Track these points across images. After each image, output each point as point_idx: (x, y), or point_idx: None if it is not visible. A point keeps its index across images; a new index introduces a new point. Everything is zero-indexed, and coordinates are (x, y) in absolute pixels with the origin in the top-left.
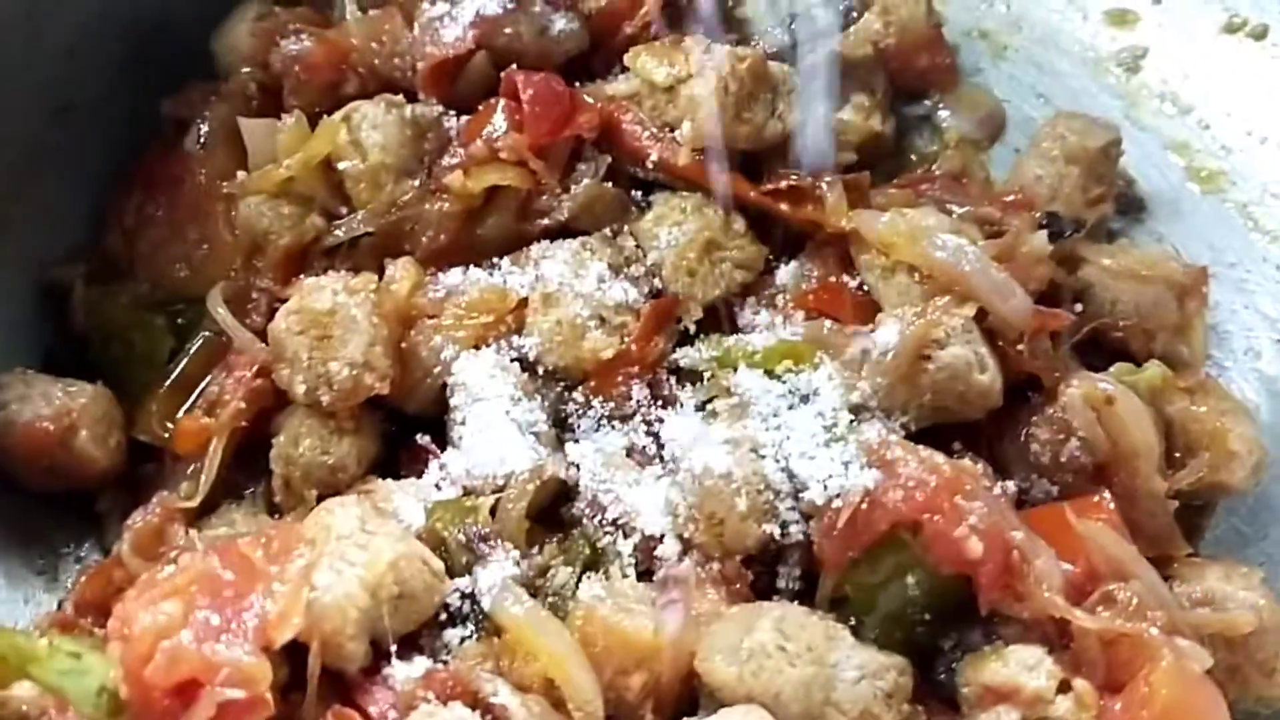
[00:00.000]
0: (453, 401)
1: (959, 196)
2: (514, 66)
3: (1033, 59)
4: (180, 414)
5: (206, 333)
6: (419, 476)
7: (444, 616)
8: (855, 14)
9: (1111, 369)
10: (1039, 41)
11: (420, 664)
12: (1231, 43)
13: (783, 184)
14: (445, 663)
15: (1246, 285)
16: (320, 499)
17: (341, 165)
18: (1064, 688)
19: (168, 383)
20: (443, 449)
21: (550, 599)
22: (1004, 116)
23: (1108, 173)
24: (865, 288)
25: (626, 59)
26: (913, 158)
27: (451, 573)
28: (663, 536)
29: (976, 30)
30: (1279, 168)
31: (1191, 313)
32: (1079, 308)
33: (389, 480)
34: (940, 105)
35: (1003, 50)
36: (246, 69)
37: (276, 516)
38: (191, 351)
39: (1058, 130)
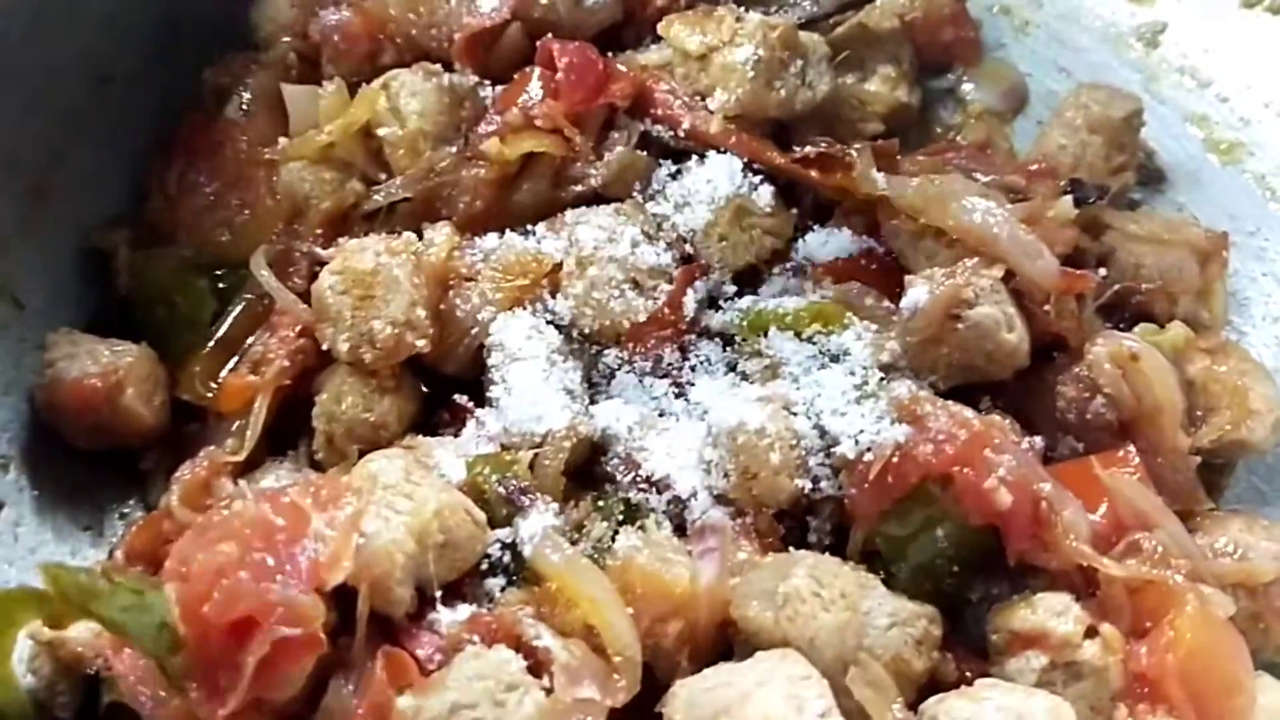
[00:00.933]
0: (490, 361)
1: (984, 165)
2: (549, 36)
3: (1054, 34)
4: (224, 374)
5: (249, 295)
6: (457, 435)
7: (485, 565)
8: None
9: (1136, 329)
10: (1060, 17)
11: (464, 610)
12: (1250, 17)
13: (812, 151)
14: (488, 609)
15: (1265, 253)
16: (362, 455)
17: (380, 132)
18: (1091, 633)
19: (211, 344)
20: (480, 408)
21: (588, 551)
22: (1026, 89)
23: (1130, 141)
24: (892, 254)
25: (660, 28)
26: (937, 129)
27: (492, 523)
28: (695, 492)
29: (999, 6)
30: None
31: (1212, 276)
32: (1103, 271)
33: (429, 437)
34: (964, 78)
35: (1025, 25)
36: (286, 38)
37: (319, 473)
38: (235, 313)
39: (1081, 100)
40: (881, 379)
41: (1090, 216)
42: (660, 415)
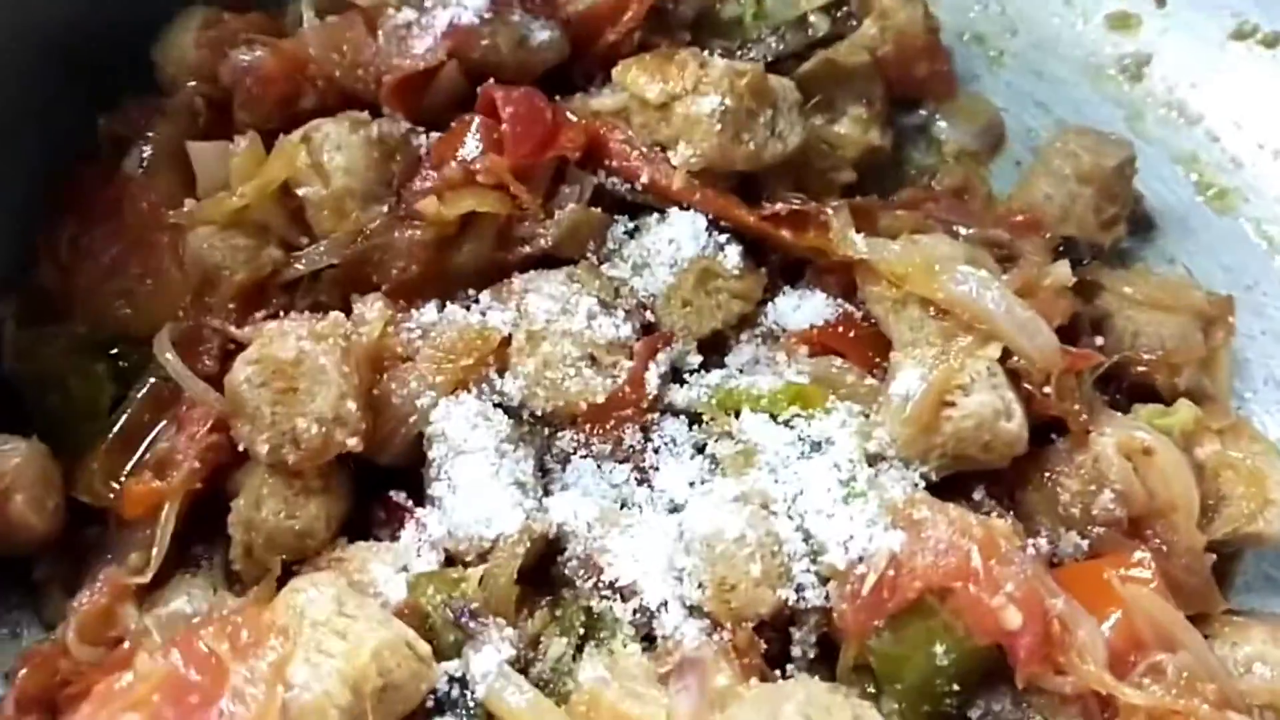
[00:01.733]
0: (430, 454)
1: (964, 216)
2: (491, 80)
3: (1031, 65)
4: (126, 473)
5: (153, 379)
6: (393, 537)
7: (431, 704)
8: (853, 21)
9: (1141, 411)
10: (1037, 46)
11: None
12: (1240, 50)
13: (783, 209)
14: None
15: (1265, 309)
16: (285, 567)
17: (301, 191)
18: None
19: (111, 437)
20: (418, 504)
21: (546, 675)
22: (1003, 126)
23: (1122, 192)
24: (870, 319)
25: (615, 74)
26: (911, 171)
27: (439, 655)
28: (666, 603)
29: (970, 33)
30: None
31: (1218, 344)
32: (1099, 340)
33: (362, 545)
34: (937, 115)
35: (999, 56)
36: (192, 82)
37: (237, 588)
38: (136, 400)
39: (1068, 147)
40: (870, 473)
41: (1082, 278)
42: (622, 506)
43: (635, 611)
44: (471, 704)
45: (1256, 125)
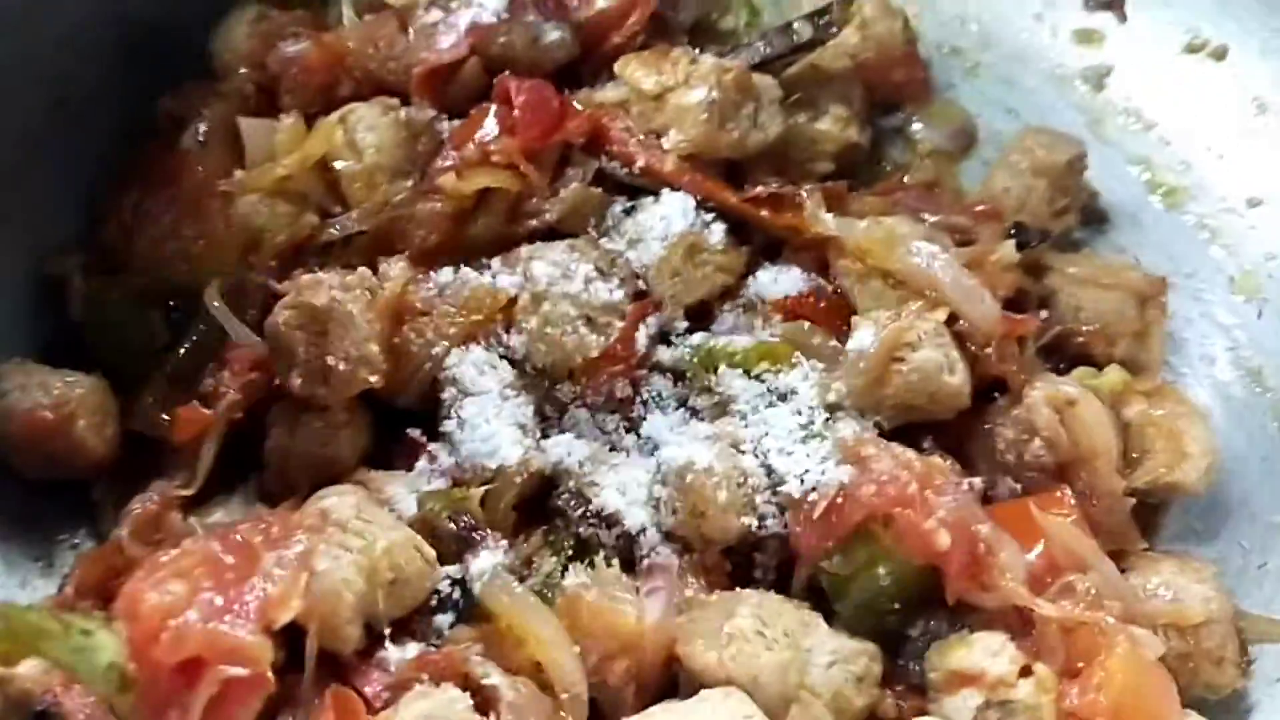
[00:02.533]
0: (443, 396)
1: (931, 205)
2: (507, 73)
3: (1002, 75)
4: (175, 406)
5: (203, 327)
6: (409, 469)
7: (435, 602)
8: (835, 29)
9: (1074, 373)
10: (1008, 58)
11: (413, 647)
12: (1192, 62)
13: (763, 191)
14: (437, 646)
15: (1202, 295)
16: (313, 490)
17: (337, 165)
18: (1025, 672)
19: (164, 375)
20: (433, 442)
21: (537, 586)
22: (975, 129)
23: (1073, 185)
24: (839, 291)
25: (616, 67)
26: (887, 168)
27: (443, 560)
28: (645, 529)
29: (949, 47)
30: (1236, 183)
31: (1151, 320)
32: (1044, 314)
33: (381, 471)
34: (914, 118)
35: (974, 67)
36: (244, 69)
37: (270, 506)
38: (188, 345)
39: (1026, 144)
40: (827, 419)
41: (1033, 259)
42: (611, 450)
43: (618, 537)
44: (469, 602)
45: (1205, 130)
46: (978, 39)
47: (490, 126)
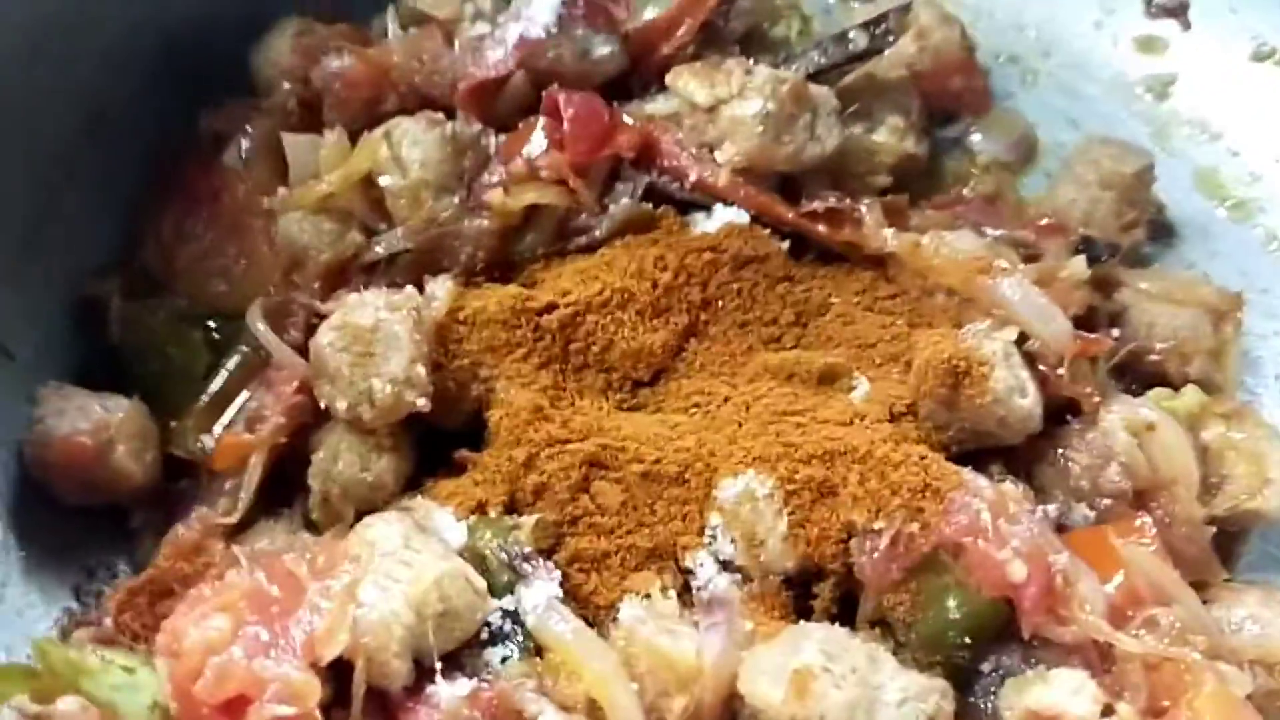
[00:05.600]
0: (490, 416)
1: (993, 219)
2: (555, 86)
3: (1062, 84)
4: (217, 430)
5: (244, 348)
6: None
7: (485, 635)
8: (892, 38)
9: (1149, 394)
10: (1069, 67)
11: (464, 684)
12: (1260, 70)
13: (820, 206)
14: (488, 682)
15: (1277, 311)
16: (358, 516)
17: (382, 181)
18: (1107, 711)
19: (204, 398)
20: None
21: (589, 619)
22: (1035, 140)
23: (1141, 197)
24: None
25: (668, 79)
26: (946, 180)
27: (493, 591)
28: (701, 560)
29: (1007, 55)
30: None
31: (1227, 337)
32: (1115, 332)
33: (428, 498)
34: (973, 129)
35: (1034, 75)
36: (287, 85)
37: (314, 534)
38: (229, 367)
39: (1092, 155)
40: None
41: (1102, 274)
42: None
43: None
44: (521, 635)
45: (1274, 140)
46: (1036, 46)
47: (538, 141)
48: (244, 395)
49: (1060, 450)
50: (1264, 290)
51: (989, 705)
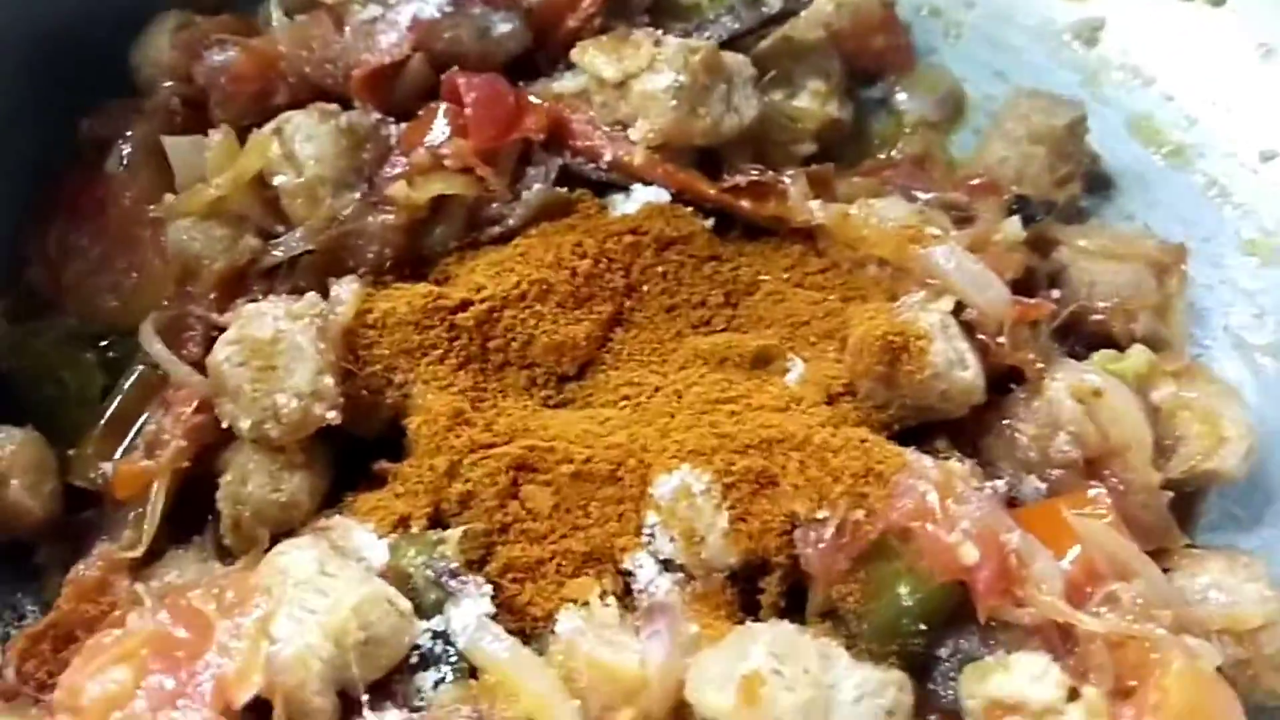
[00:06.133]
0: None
1: (923, 182)
2: (455, 69)
3: (988, 35)
4: (117, 456)
5: (140, 366)
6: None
7: (415, 659)
8: None
9: (1095, 356)
10: (993, 17)
11: (394, 714)
12: (1190, 10)
13: (743, 180)
14: (419, 709)
15: (1221, 260)
16: (273, 538)
17: (275, 180)
18: (1072, 696)
19: (102, 423)
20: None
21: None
22: (963, 96)
23: (1075, 150)
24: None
25: (574, 55)
26: (874, 142)
27: (420, 612)
28: (639, 561)
29: (928, 8)
30: (1246, 137)
31: (1172, 291)
32: (1055, 293)
33: (345, 517)
34: (897, 88)
35: (957, 28)
36: (168, 83)
37: (228, 561)
38: (125, 388)
39: (1020, 110)
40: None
41: (1038, 234)
42: None
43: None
44: (454, 656)
45: (1209, 82)
46: None
47: (440, 128)
48: (144, 417)
49: (1006, 421)
50: (1206, 239)
51: (949, 692)
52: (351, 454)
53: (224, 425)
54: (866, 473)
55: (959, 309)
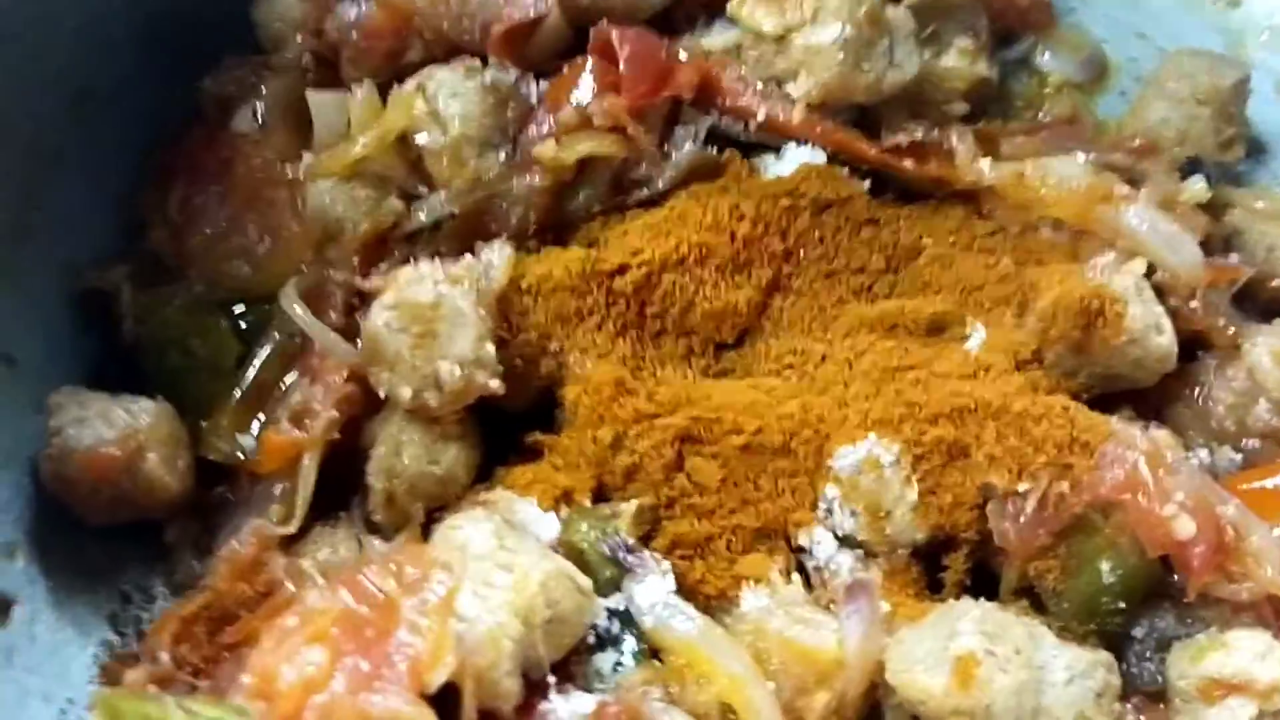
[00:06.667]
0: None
1: (1080, 142)
2: (604, 22)
3: None
4: (255, 429)
5: (278, 335)
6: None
7: (592, 639)
8: None
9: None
10: None
11: (584, 698)
12: None
13: (904, 139)
14: (599, 691)
15: None
16: (427, 514)
17: (419, 139)
18: None
19: (240, 393)
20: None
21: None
22: (1105, 57)
23: (1238, 112)
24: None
25: (730, 8)
26: (1017, 104)
27: (597, 589)
28: (818, 537)
29: None
30: None
31: None
32: (1233, 257)
33: (507, 490)
34: (1039, 48)
35: None
36: (299, 38)
37: (378, 538)
38: (263, 356)
39: (1184, 68)
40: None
41: (1211, 197)
42: None
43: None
44: (634, 638)
45: None
46: None
47: (588, 85)
48: (284, 387)
49: (1198, 389)
50: None
51: (1144, 671)
52: (495, 427)
53: (380, 394)
54: (1071, 442)
55: (1150, 271)
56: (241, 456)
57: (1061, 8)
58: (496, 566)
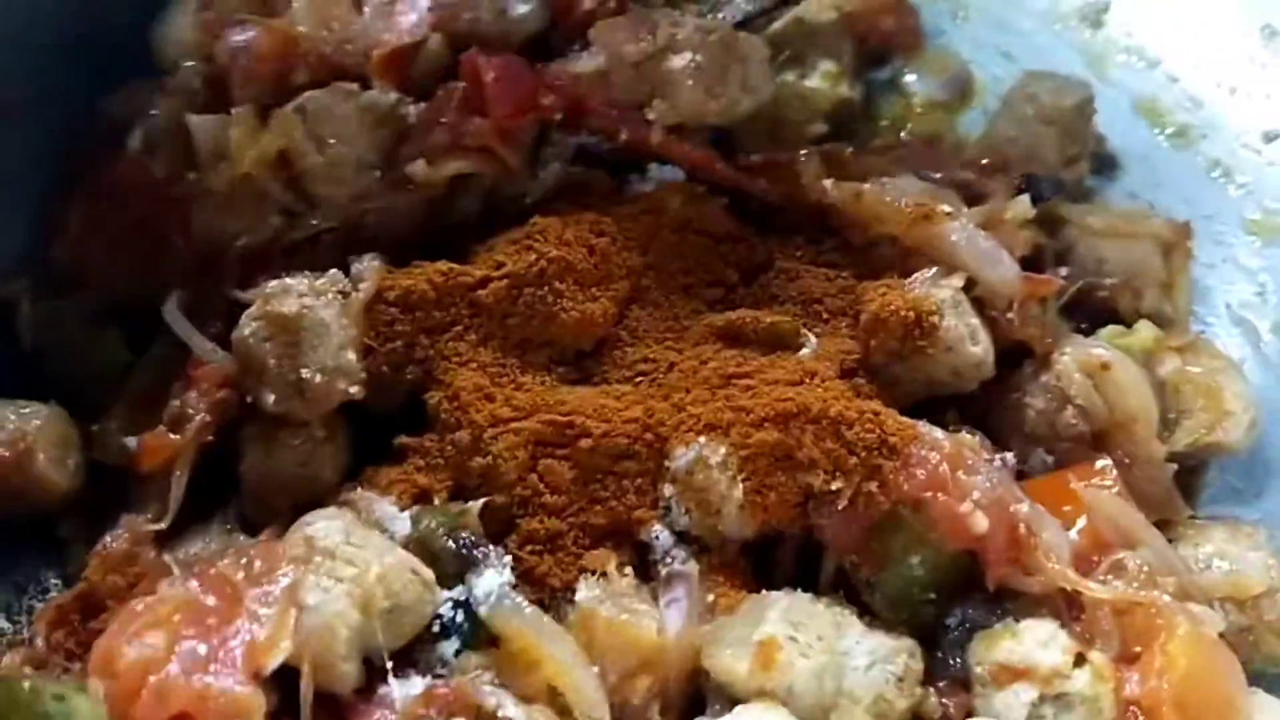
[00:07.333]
0: (430, 397)
1: (934, 162)
2: (473, 49)
3: (995, 18)
4: (141, 431)
5: (164, 344)
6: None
7: (436, 628)
8: None
9: (1102, 332)
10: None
11: (418, 682)
12: None
13: (757, 159)
14: (441, 677)
15: (1223, 239)
16: (296, 512)
17: (298, 159)
18: (1079, 661)
19: (126, 399)
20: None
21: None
22: (970, 77)
23: (1083, 131)
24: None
25: (592, 34)
26: (882, 123)
27: (442, 582)
28: (656, 532)
29: None
30: (1250, 118)
31: (1177, 268)
32: (1063, 270)
33: (368, 490)
34: (906, 69)
35: (964, 10)
36: (190, 62)
37: (250, 534)
38: (149, 364)
39: (1029, 90)
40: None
41: (1047, 212)
42: None
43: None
44: (474, 626)
45: (1213, 64)
46: None
47: (459, 108)
48: (167, 393)
49: (1015, 395)
50: (1209, 217)
51: (957, 659)
52: (370, 429)
53: (248, 400)
54: (880, 445)
55: (969, 285)
56: (127, 457)
57: (931, 29)
58: (341, 560)
